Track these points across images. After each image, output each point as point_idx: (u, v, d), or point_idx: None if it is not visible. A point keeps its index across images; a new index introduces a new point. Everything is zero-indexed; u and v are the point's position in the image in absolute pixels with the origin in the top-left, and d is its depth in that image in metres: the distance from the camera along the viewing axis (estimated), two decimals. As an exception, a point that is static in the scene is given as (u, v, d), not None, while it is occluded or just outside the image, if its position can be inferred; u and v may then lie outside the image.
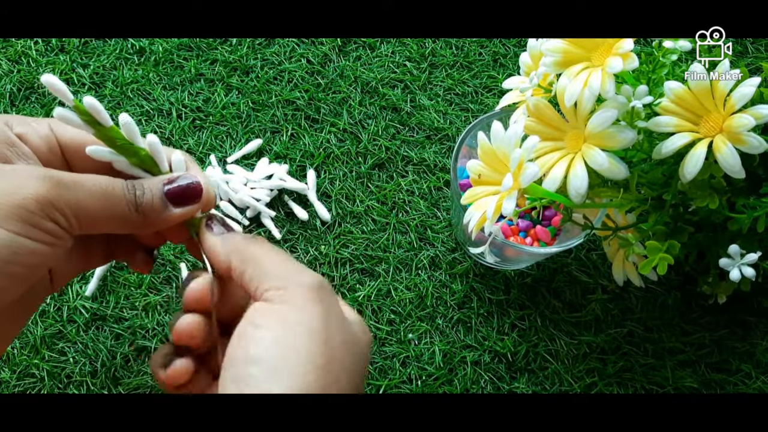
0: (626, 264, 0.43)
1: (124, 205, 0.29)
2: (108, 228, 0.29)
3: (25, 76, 0.54)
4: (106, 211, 0.28)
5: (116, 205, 0.28)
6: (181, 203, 0.31)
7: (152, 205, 0.30)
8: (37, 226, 0.26)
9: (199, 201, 0.31)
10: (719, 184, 0.36)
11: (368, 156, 0.53)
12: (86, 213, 0.27)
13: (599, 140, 0.35)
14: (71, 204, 0.27)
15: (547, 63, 0.37)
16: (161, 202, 0.30)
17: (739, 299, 0.48)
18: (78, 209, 0.27)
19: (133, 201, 0.29)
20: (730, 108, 0.33)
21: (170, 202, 0.30)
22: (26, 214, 0.25)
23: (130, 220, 0.29)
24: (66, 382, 0.45)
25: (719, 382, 0.47)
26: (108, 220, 0.28)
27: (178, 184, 0.31)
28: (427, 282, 0.49)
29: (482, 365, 0.47)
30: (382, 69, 0.56)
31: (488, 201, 0.37)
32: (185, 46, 0.56)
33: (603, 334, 0.48)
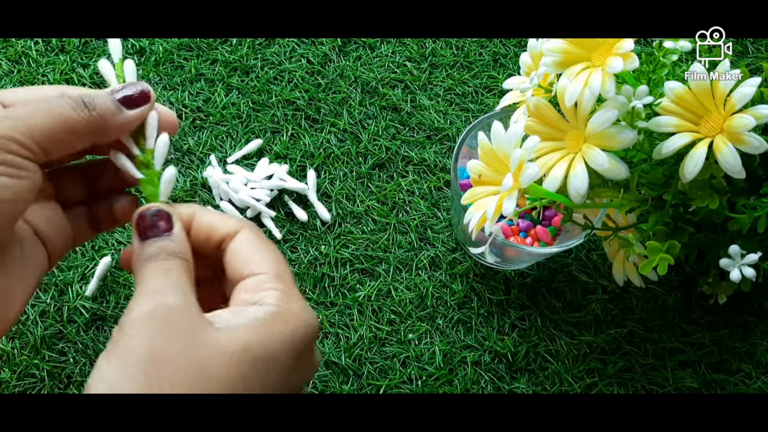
0: (626, 264, 0.43)
1: (76, 112, 0.29)
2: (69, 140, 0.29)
3: (25, 76, 0.54)
4: (60, 124, 0.28)
5: (68, 113, 0.28)
6: (133, 106, 0.31)
7: (105, 106, 0.30)
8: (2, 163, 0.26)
9: (150, 103, 0.32)
10: (719, 185, 0.36)
11: (368, 156, 0.53)
12: (40, 132, 0.27)
13: (599, 140, 0.35)
14: (22, 129, 0.27)
15: (547, 63, 0.37)
16: (113, 104, 0.30)
17: (739, 299, 0.48)
18: (32, 132, 0.27)
19: (83, 105, 0.29)
20: (731, 108, 0.33)
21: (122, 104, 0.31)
22: None
23: (84, 125, 0.29)
24: (66, 383, 0.45)
25: (719, 383, 0.47)
26: (64, 132, 0.28)
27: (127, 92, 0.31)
28: (428, 282, 0.49)
29: (482, 365, 0.47)
30: (383, 69, 0.56)
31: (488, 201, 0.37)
32: (185, 46, 0.56)
33: (603, 335, 0.48)
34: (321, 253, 0.50)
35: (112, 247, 0.49)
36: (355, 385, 0.46)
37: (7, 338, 0.46)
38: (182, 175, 0.52)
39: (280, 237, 0.50)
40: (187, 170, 0.52)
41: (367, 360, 0.46)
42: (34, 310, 0.47)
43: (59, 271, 0.48)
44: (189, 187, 0.51)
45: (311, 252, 0.49)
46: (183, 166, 0.52)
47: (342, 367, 0.46)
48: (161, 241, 0.30)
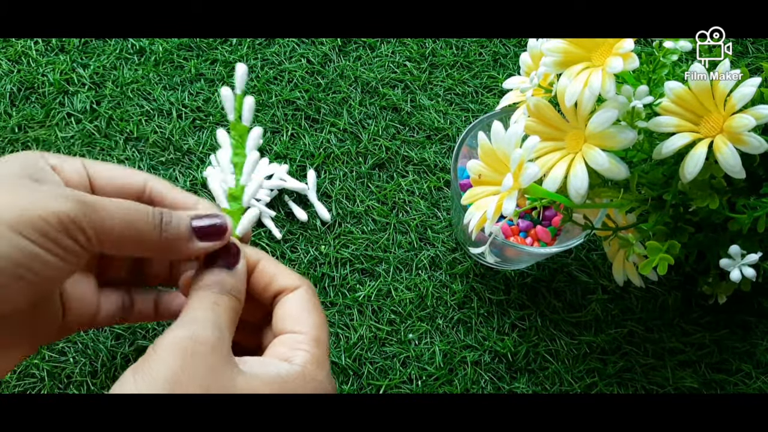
0: (626, 264, 0.43)
1: (150, 227, 0.29)
2: (130, 250, 0.29)
3: (25, 76, 0.54)
4: (130, 232, 0.29)
5: (141, 226, 0.29)
6: (205, 238, 0.31)
7: (178, 231, 0.30)
8: (55, 241, 0.26)
9: (223, 239, 0.32)
10: (719, 185, 0.36)
11: (368, 156, 0.53)
12: (109, 232, 0.28)
13: (599, 140, 0.35)
14: (94, 223, 0.27)
15: (547, 63, 0.37)
16: (187, 231, 0.31)
17: (739, 299, 0.48)
18: (101, 229, 0.28)
19: (159, 224, 0.30)
20: (731, 108, 0.33)
21: (195, 235, 0.31)
22: (46, 227, 0.26)
23: (153, 242, 0.29)
24: (66, 383, 0.45)
25: (719, 382, 0.47)
26: (130, 241, 0.29)
27: (205, 223, 0.31)
28: (428, 282, 0.49)
29: (482, 365, 0.47)
30: (383, 69, 0.56)
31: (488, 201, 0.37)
32: (185, 46, 0.56)
33: (603, 334, 0.48)
34: (321, 253, 0.50)
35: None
36: (355, 385, 0.46)
37: (7, 338, 0.46)
38: (182, 175, 0.52)
39: (280, 237, 0.50)
40: (187, 170, 0.52)
41: (367, 360, 0.46)
42: (34, 310, 0.47)
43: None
44: (189, 187, 0.51)
45: (311, 252, 0.49)
46: (183, 166, 0.52)
47: (342, 367, 0.46)
48: (221, 275, 0.31)
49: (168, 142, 0.53)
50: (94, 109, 0.54)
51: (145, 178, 0.34)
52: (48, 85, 0.54)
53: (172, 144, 0.53)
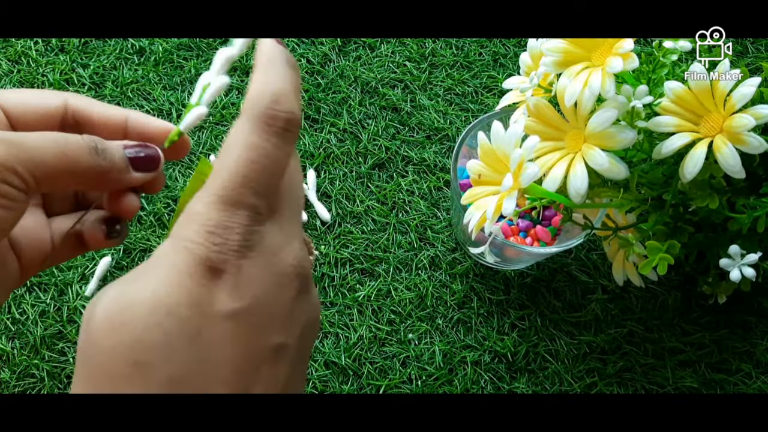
0: (626, 264, 0.43)
1: (84, 157, 0.28)
2: (67, 182, 0.28)
3: (25, 76, 0.54)
4: (65, 164, 0.27)
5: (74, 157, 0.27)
6: (141, 169, 0.31)
7: (113, 161, 0.29)
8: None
9: (158, 169, 0.31)
10: (719, 184, 0.36)
11: (368, 156, 0.53)
12: (43, 168, 0.26)
13: (599, 140, 0.35)
14: (25, 162, 0.26)
15: (547, 63, 0.37)
16: (123, 162, 0.30)
17: (739, 299, 0.48)
18: (34, 166, 0.26)
19: (94, 153, 0.28)
20: (731, 108, 0.33)
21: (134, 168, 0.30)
22: None
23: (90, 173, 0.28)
24: (66, 382, 0.45)
25: (719, 382, 0.47)
26: (67, 173, 0.27)
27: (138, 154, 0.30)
28: (427, 282, 0.49)
29: (482, 365, 0.47)
30: (382, 69, 0.56)
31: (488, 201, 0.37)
32: (185, 46, 0.56)
33: (603, 334, 0.48)
34: (321, 252, 0.49)
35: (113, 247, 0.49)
36: (355, 385, 0.46)
37: (7, 338, 0.46)
38: (182, 175, 0.52)
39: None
40: (187, 170, 0.52)
41: (366, 360, 0.46)
42: (34, 310, 0.47)
43: (59, 271, 0.48)
44: (189, 187, 0.51)
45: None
46: (183, 166, 0.52)
47: (342, 367, 0.46)
48: None
49: (168, 142, 0.53)
50: (94, 109, 0.54)
51: (64, 98, 0.32)
52: (48, 85, 0.54)
53: (172, 144, 0.53)
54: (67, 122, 0.32)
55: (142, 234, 0.49)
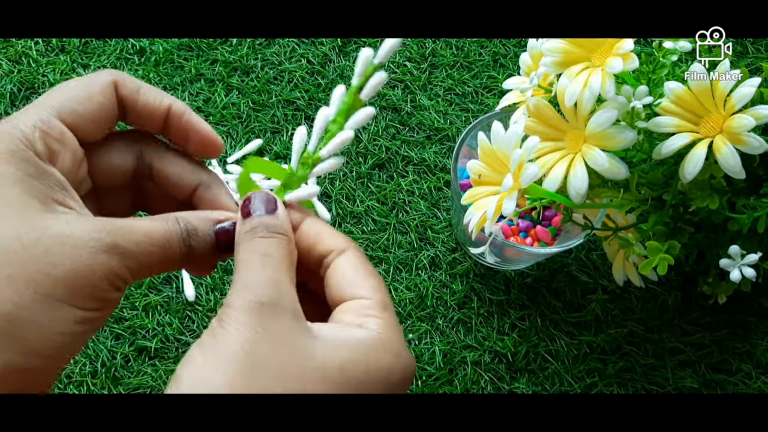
0: (626, 264, 0.43)
1: (178, 256, 0.28)
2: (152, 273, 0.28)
3: (25, 76, 0.54)
4: (162, 265, 0.27)
5: (172, 257, 0.28)
6: (227, 250, 0.29)
7: (203, 252, 0.29)
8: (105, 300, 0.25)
9: None
10: (719, 185, 0.36)
11: (368, 156, 0.53)
12: (144, 272, 0.27)
13: (599, 140, 0.35)
14: (133, 270, 0.26)
15: (547, 63, 0.37)
16: (210, 250, 0.29)
17: (739, 299, 0.48)
18: (138, 272, 0.26)
19: (187, 251, 0.28)
20: (731, 108, 0.33)
21: (218, 247, 0.29)
22: (99, 291, 0.25)
23: (179, 263, 0.28)
24: (66, 382, 0.45)
25: (719, 383, 0.47)
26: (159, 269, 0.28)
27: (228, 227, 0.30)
28: (428, 282, 0.49)
29: (482, 365, 0.47)
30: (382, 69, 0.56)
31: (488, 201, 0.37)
32: (185, 46, 0.56)
33: (603, 334, 0.48)
34: (321, 253, 0.50)
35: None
36: (355, 385, 0.46)
37: (7, 338, 0.46)
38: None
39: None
40: (187, 170, 0.52)
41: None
42: (34, 310, 0.47)
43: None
44: (189, 187, 0.51)
45: (311, 252, 0.49)
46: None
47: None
48: (263, 218, 0.29)
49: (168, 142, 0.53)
50: (94, 109, 0.54)
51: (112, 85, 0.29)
52: (48, 85, 0.54)
53: (172, 144, 0.53)
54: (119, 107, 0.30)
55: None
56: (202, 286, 0.48)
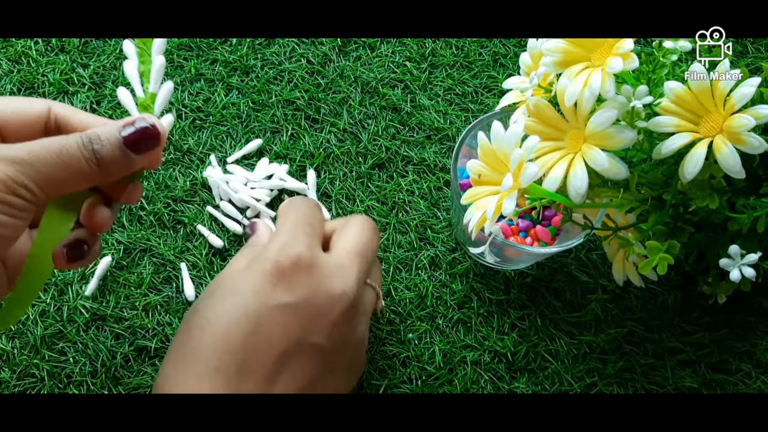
0: (626, 264, 0.43)
1: (83, 163, 0.29)
2: (72, 187, 0.29)
3: (25, 76, 0.54)
4: (67, 173, 0.29)
5: (76, 165, 0.29)
6: (140, 149, 0.31)
7: (112, 156, 0.30)
8: (4, 202, 0.27)
9: (158, 144, 0.31)
10: (719, 185, 0.36)
11: (368, 156, 0.53)
12: (47, 180, 0.28)
13: (599, 140, 0.35)
14: (32, 177, 0.28)
15: (547, 63, 0.37)
16: (120, 151, 0.30)
17: (739, 299, 0.48)
18: (39, 179, 0.28)
19: (92, 156, 0.29)
20: (730, 108, 0.33)
21: (129, 150, 0.30)
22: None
23: (91, 175, 0.29)
24: (66, 382, 0.45)
25: (719, 382, 0.47)
26: (70, 180, 0.29)
27: (135, 128, 0.31)
28: (427, 282, 0.49)
29: (482, 365, 0.47)
30: (382, 69, 0.56)
31: (488, 201, 0.37)
32: (185, 46, 0.56)
33: (603, 334, 0.48)
34: (321, 253, 0.50)
35: (112, 247, 0.49)
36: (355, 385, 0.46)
37: (7, 338, 0.46)
38: (182, 175, 0.52)
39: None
40: (186, 170, 0.52)
41: (367, 360, 0.46)
42: (34, 310, 0.47)
43: (59, 271, 0.48)
44: (189, 187, 0.51)
45: (311, 252, 0.49)
46: (183, 166, 0.52)
47: (342, 367, 0.46)
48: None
49: (168, 142, 0.53)
50: (95, 109, 0.54)
51: (47, 104, 0.33)
52: (48, 85, 0.54)
53: (172, 144, 0.53)
54: (50, 128, 0.33)
55: (143, 234, 0.49)
56: (202, 285, 0.48)
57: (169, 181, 0.51)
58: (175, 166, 0.52)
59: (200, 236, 0.49)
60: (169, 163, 0.52)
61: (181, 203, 0.51)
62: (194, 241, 0.49)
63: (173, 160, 0.52)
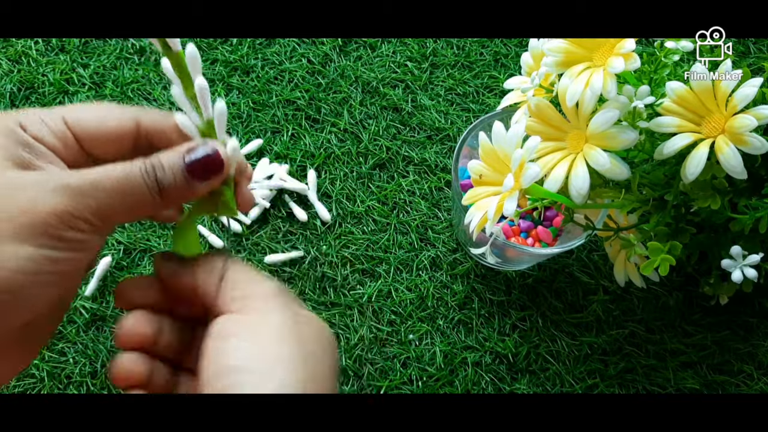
0: (628, 265, 0.43)
1: (146, 193, 0.28)
2: (131, 216, 0.29)
3: (25, 76, 0.54)
4: (129, 203, 0.28)
5: (138, 194, 0.28)
6: (203, 177, 0.29)
7: (174, 184, 0.29)
8: (61, 239, 0.26)
9: (221, 172, 0.30)
10: (721, 185, 0.36)
11: (369, 156, 0.53)
12: (108, 211, 0.27)
13: (601, 140, 0.34)
14: (92, 208, 0.27)
15: (548, 63, 0.37)
16: (183, 179, 0.29)
17: (740, 300, 0.48)
18: (99, 211, 0.27)
19: (155, 185, 0.28)
20: (732, 108, 0.33)
21: (192, 177, 0.29)
22: (49, 229, 0.25)
23: (153, 204, 0.28)
24: (66, 383, 0.45)
25: (721, 383, 0.46)
26: (131, 209, 0.28)
27: (197, 157, 0.29)
28: (428, 283, 0.49)
29: (483, 366, 0.47)
30: (383, 69, 0.56)
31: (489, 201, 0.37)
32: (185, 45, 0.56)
33: (604, 335, 0.48)
34: (321, 253, 0.49)
35: (112, 247, 0.49)
36: (356, 386, 0.46)
37: (7, 338, 0.46)
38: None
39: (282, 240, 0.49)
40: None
41: (367, 361, 0.46)
42: (34, 310, 0.47)
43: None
44: (189, 187, 0.51)
45: (312, 252, 0.49)
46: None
47: (342, 368, 0.46)
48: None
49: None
50: (95, 109, 0.54)
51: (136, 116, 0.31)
52: (48, 84, 0.54)
53: (173, 144, 0.52)
54: (140, 142, 0.31)
55: (142, 234, 0.49)
56: (203, 286, 0.48)
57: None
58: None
59: (200, 236, 0.49)
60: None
61: (182, 203, 0.50)
62: (194, 242, 0.49)
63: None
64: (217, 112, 0.31)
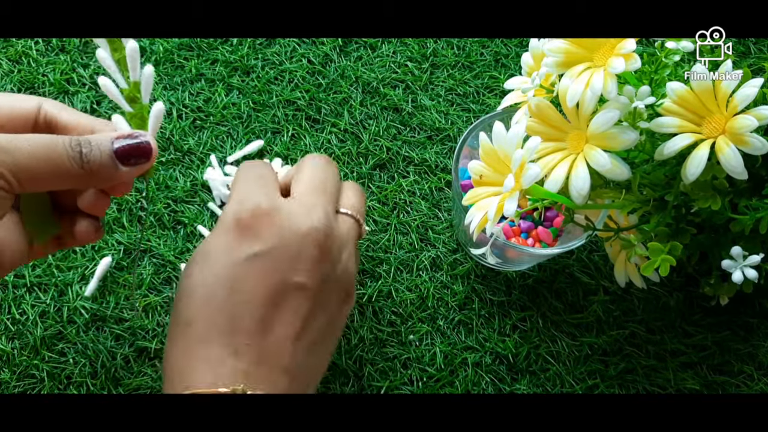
0: (628, 265, 0.43)
1: (66, 162, 0.29)
2: (52, 185, 0.29)
3: (25, 76, 0.54)
4: (49, 169, 0.28)
5: (59, 161, 0.29)
6: (129, 162, 0.31)
7: (100, 162, 0.30)
8: None
9: (149, 161, 0.31)
10: (722, 186, 0.36)
11: (369, 156, 0.53)
12: (26, 172, 0.28)
13: (601, 141, 0.34)
14: (9, 165, 0.27)
15: (549, 63, 0.37)
16: (110, 159, 0.30)
17: (741, 301, 0.48)
18: (17, 170, 0.28)
19: (78, 156, 0.29)
20: (733, 109, 0.33)
21: (119, 161, 0.30)
22: None
23: (74, 175, 0.29)
24: (66, 383, 0.45)
25: (721, 384, 0.46)
26: (51, 177, 0.29)
27: (128, 143, 0.31)
28: (428, 283, 0.49)
29: (483, 367, 0.47)
30: (384, 69, 0.56)
31: (490, 202, 0.37)
32: (186, 46, 0.56)
33: (605, 336, 0.48)
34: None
35: (112, 247, 0.49)
36: (356, 386, 0.46)
37: (6, 338, 0.46)
38: (182, 175, 0.52)
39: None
40: (187, 170, 0.52)
41: (367, 361, 0.46)
42: (34, 310, 0.47)
43: (59, 272, 0.48)
44: (189, 187, 0.51)
45: (312, 252, 0.49)
46: (183, 167, 0.52)
47: (342, 368, 0.46)
48: None
49: (168, 142, 0.52)
50: (95, 109, 0.54)
51: (38, 102, 0.33)
52: (48, 85, 0.54)
53: (173, 144, 0.52)
54: (39, 125, 0.33)
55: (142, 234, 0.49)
56: (203, 286, 0.48)
57: (170, 182, 0.51)
58: (176, 167, 0.52)
59: (200, 237, 0.49)
60: (170, 163, 0.52)
61: (182, 204, 0.50)
62: (194, 242, 0.49)
63: (173, 160, 0.52)
64: (145, 76, 0.32)
